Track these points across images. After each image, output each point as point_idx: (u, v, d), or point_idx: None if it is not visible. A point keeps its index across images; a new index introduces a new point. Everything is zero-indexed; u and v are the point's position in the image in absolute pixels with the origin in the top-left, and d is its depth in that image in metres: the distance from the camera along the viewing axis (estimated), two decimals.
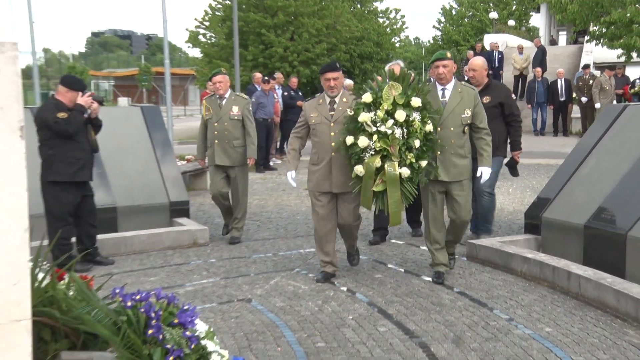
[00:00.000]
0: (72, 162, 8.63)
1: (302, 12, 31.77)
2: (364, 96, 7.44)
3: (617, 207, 8.33)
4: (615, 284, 7.24)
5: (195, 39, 35.36)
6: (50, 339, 5.01)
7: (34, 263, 4.65)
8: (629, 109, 9.59)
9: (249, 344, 6.53)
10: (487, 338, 6.53)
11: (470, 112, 7.81)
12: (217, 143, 10.37)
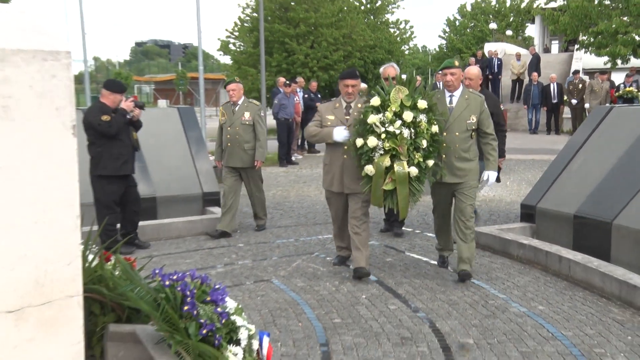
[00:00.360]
0: (116, 157, 8.75)
1: (321, 23, 31.77)
2: (373, 100, 7.14)
3: (603, 198, 8.33)
4: (601, 267, 7.28)
5: (226, 47, 35.39)
6: (99, 312, 5.04)
7: (85, 246, 4.67)
8: (614, 110, 9.66)
9: (273, 320, 6.54)
10: (486, 315, 6.52)
11: (475, 118, 7.47)
12: (230, 146, 10.16)
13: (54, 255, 3.52)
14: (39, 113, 3.43)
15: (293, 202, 13.26)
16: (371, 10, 38.17)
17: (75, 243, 3.58)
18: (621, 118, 9.30)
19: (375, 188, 7.07)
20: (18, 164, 3.42)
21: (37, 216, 3.48)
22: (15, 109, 3.38)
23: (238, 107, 10.16)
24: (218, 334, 4.34)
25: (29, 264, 3.48)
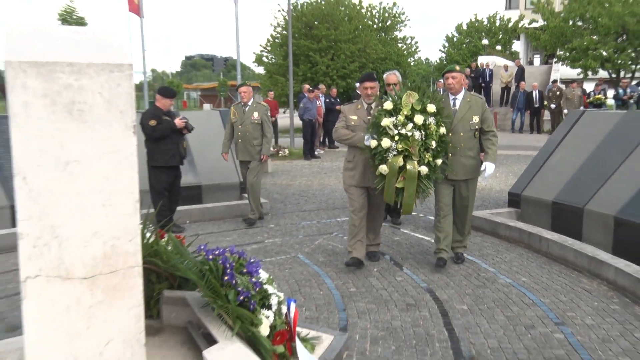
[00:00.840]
0: (165, 152, 8.84)
1: (340, 39, 31.70)
2: (385, 104, 6.68)
3: (576, 188, 8.34)
4: (574, 245, 7.33)
5: (260, 59, 35.36)
6: (156, 281, 5.10)
7: (143, 225, 4.72)
8: (586, 114, 9.71)
9: (299, 288, 6.57)
10: (478, 285, 6.53)
11: (478, 119, 7.01)
12: (241, 142, 9.80)
13: (118, 233, 3.58)
14: (107, 116, 3.48)
15: (315, 190, 13.26)
16: (382, 28, 37.98)
17: (135, 223, 3.63)
18: (592, 120, 9.32)
19: (389, 185, 6.63)
20: (89, 158, 3.48)
21: (105, 201, 3.54)
22: (87, 113, 3.44)
23: (248, 107, 9.82)
24: (253, 300, 4.38)
25: (99, 240, 3.54)
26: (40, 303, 3.48)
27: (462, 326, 5.46)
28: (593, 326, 5.43)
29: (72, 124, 3.41)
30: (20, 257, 3.42)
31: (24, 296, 3.46)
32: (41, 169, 3.38)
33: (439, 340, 5.18)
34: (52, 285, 3.48)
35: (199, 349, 4.34)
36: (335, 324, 5.56)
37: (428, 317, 5.70)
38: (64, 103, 3.37)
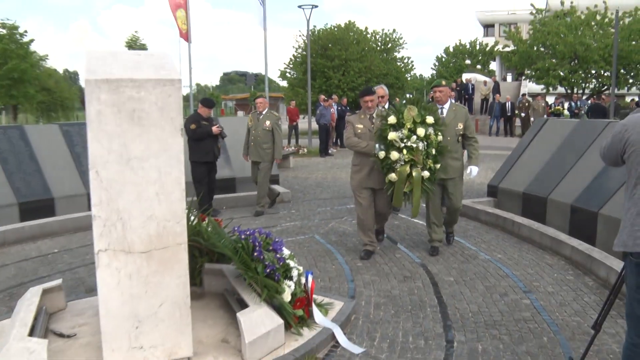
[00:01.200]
0: (202, 150, 8.93)
1: (350, 58, 31.61)
2: (390, 118, 6.30)
3: (542, 181, 8.34)
4: (540, 227, 7.34)
5: (284, 75, 35.27)
6: (198, 255, 5.14)
7: (188, 210, 4.75)
8: (548, 122, 9.74)
9: (315, 263, 6.60)
10: (462, 261, 6.53)
11: (462, 125, 6.74)
12: (253, 145, 9.42)
13: (169, 216, 3.62)
14: (160, 121, 3.52)
15: (329, 182, 13.26)
16: (384, 49, 37.71)
17: (182, 208, 3.67)
18: (553, 127, 9.33)
19: (397, 191, 6.30)
20: (147, 155, 3.52)
21: (158, 190, 3.58)
22: (145, 118, 3.48)
23: (262, 116, 9.47)
24: (277, 272, 4.42)
25: (154, 222, 3.59)
26: (109, 271, 3.54)
27: (449, 294, 5.47)
28: (553, 293, 5.43)
29: (133, 128, 3.46)
30: (94, 234, 3.49)
31: (97, 265, 3.52)
32: (109, 164, 3.43)
33: (430, 305, 5.19)
34: (118, 257, 3.53)
35: (234, 312, 4.38)
36: (345, 292, 5.58)
37: (421, 286, 5.71)
38: (127, 111, 3.42)
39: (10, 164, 8.66)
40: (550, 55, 31.19)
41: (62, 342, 4.22)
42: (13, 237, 7.80)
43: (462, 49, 50.14)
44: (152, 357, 3.75)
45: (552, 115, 23.65)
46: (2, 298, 5.63)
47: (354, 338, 4.48)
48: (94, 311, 4.62)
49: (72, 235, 8.21)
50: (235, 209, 10.02)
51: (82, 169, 9.28)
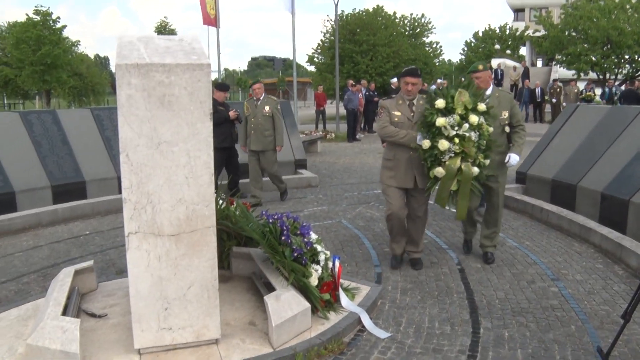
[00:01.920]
0: (219, 135, 8.41)
1: (378, 43, 31.44)
2: (438, 102, 5.28)
3: (571, 168, 8.21)
4: (569, 215, 7.25)
5: (312, 60, 35.21)
6: (226, 239, 5.19)
7: (217, 194, 4.79)
8: (579, 108, 9.55)
9: (342, 248, 6.60)
10: None
11: (507, 114, 5.79)
12: (254, 133, 8.87)
13: (197, 199, 3.65)
14: (189, 105, 3.54)
15: (357, 167, 13.23)
16: (413, 34, 37.46)
17: (211, 192, 3.70)
18: (584, 113, 9.16)
19: (443, 189, 5.36)
20: (176, 139, 3.55)
21: (187, 174, 3.61)
22: (175, 103, 3.51)
23: (260, 102, 8.91)
24: (305, 256, 4.43)
25: (183, 205, 3.62)
26: (139, 253, 3.59)
27: (476, 281, 5.44)
28: (581, 281, 5.36)
29: (163, 112, 3.49)
30: (124, 217, 3.54)
31: (127, 247, 3.57)
32: (139, 148, 3.47)
33: (456, 292, 5.17)
34: (147, 239, 3.58)
35: (261, 295, 4.42)
36: (372, 277, 5.58)
37: (448, 273, 5.68)
38: (157, 96, 3.45)
39: (43, 147, 8.81)
40: (582, 40, 30.79)
41: (94, 321, 4.31)
42: (47, 219, 7.96)
43: (491, 33, 49.41)
44: (180, 338, 3.81)
45: (583, 101, 23.27)
46: (36, 278, 5.75)
47: (380, 323, 4.48)
48: (124, 292, 4.70)
49: (102, 217, 8.34)
50: (263, 193, 10.04)
51: (112, 152, 9.40)
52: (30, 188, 8.34)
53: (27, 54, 33.26)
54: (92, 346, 3.90)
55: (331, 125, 23.17)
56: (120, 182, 3.60)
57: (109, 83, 42.47)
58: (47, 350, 3.57)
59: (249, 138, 9.00)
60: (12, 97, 44.47)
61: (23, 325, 4.30)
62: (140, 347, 3.77)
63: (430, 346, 4.10)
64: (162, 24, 44.79)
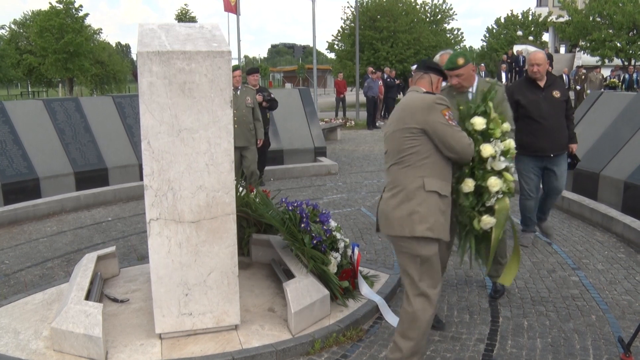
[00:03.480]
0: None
1: (398, 30, 31.24)
2: (476, 121, 3.65)
3: (594, 156, 8.09)
4: (591, 204, 7.21)
5: (332, 47, 35.10)
6: (246, 226, 5.22)
7: (237, 182, 4.81)
8: (603, 95, 9.40)
9: (361, 235, 6.60)
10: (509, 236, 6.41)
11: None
12: (237, 127, 7.60)
13: (218, 187, 3.67)
14: (210, 93, 3.55)
15: (376, 154, 13.19)
16: (434, 21, 37.06)
17: (231, 179, 3.71)
18: (608, 100, 9.02)
19: (496, 242, 3.78)
20: (197, 126, 3.56)
21: (208, 161, 3.63)
22: (195, 90, 3.52)
23: (240, 91, 7.97)
24: (324, 243, 4.43)
25: (203, 192, 3.64)
26: (160, 240, 3.63)
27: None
28: (603, 271, 5.30)
29: (183, 100, 3.50)
30: (145, 204, 3.57)
31: (148, 234, 3.61)
32: (161, 135, 3.49)
33: (475, 280, 5.15)
34: (168, 226, 3.61)
35: (280, 282, 4.44)
36: (391, 265, 5.58)
37: (467, 261, 5.64)
38: (178, 83, 3.47)
39: (67, 134, 8.90)
40: (607, 25, 30.33)
41: (116, 306, 4.37)
42: (70, 205, 8.07)
43: (513, 19, 48.72)
44: (200, 323, 3.84)
45: (607, 88, 22.90)
46: (60, 263, 5.84)
47: (399, 310, 4.48)
48: (145, 278, 4.76)
49: (124, 204, 8.44)
50: (283, 180, 10.10)
51: (133, 139, 9.48)
52: (54, 175, 8.44)
53: (51, 42, 33.64)
54: (114, 330, 3.96)
55: (351, 113, 23.11)
56: (141, 169, 3.63)
57: (130, 71, 42.80)
58: (71, 333, 3.63)
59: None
60: (36, 85, 45.06)
61: (47, 309, 4.38)
62: (161, 332, 3.82)
63: (449, 334, 4.10)
64: (183, 12, 44.94)
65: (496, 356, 3.78)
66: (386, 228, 3.45)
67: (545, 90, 5.68)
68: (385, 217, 3.43)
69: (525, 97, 5.67)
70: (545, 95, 5.65)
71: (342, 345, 3.93)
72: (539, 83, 5.71)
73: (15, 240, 6.66)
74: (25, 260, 5.96)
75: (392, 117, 3.51)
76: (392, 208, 3.36)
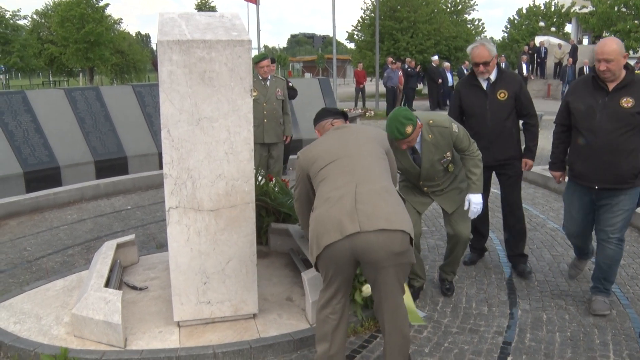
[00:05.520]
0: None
1: (419, 20, 31.01)
2: (365, 291, 3.94)
3: None
4: None
5: (352, 37, 34.94)
6: (265, 215, 5.24)
7: (256, 171, 4.82)
8: None
9: None
10: (529, 229, 6.31)
11: (450, 153, 4.25)
12: (267, 122, 6.90)
13: (237, 175, 3.68)
14: (230, 81, 3.56)
15: None
16: (454, 11, 36.76)
17: (250, 168, 3.72)
18: None
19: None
20: (216, 115, 3.57)
21: (227, 150, 3.64)
22: (215, 79, 3.53)
23: (269, 82, 6.99)
24: None
25: (223, 181, 3.66)
26: (179, 228, 3.65)
27: None
28: (624, 265, 5.23)
29: (203, 88, 3.51)
30: (165, 192, 3.59)
31: (168, 222, 3.64)
32: (180, 124, 3.51)
33: (495, 272, 5.12)
34: (187, 214, 3.63)
35: (299, 271, 4.45)
36: None
37: (487, 253, 5.63)
38: (198, 72, 3.48)
39: (87, 123, 8.99)
40: (632, 16, 29.70)
41: (135, 294, 4.42)
42: (90, 193, 8.15)
43: (535, 10, 48.11)
44: (218, 312, 3.87)
45: None
46: (80, 251, 5.91)
47: (417, 302, 4.47)
48: (164, 266, 4.80)
49: (143, 192, 8.51)
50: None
51: (153, 128, 9.54)
52: (74, 163, 8.53)
53: (72, 32, 33.95)
54: (133, 318, 4.00)
55: (370, 103, 23.04)
56: (160, 157, 3.65)
57: (150, 60, 43.04)
58: (91, 320, 3.67)
59: (259, 128, 6.79)
60: (57, 75, 45.49)
61: (68, 295, 4.44)
62: (180, 320, 3.85)
63: (467, 326, 4.09)
64: (203, 1, 45.09)
65: (514, 349, 3.76)
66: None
67: (610, 95, 3.98)
68: None
69: (581, 101, 4.13)
70: (607, 103, 3.99)
71: (359, 335, 3.93)
72: (607, 85, 4.01)
73: (37, 228, 6.75)
74: (46, 247, 6.05)
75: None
76: None
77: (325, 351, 3.18)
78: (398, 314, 3.15)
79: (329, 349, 3.18)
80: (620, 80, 3.98)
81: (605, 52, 3.92)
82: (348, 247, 2.95)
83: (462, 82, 5.02)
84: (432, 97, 22.09)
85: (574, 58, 26.56)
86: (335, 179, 3.14)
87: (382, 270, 3.01)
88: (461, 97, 4.90)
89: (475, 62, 4.66)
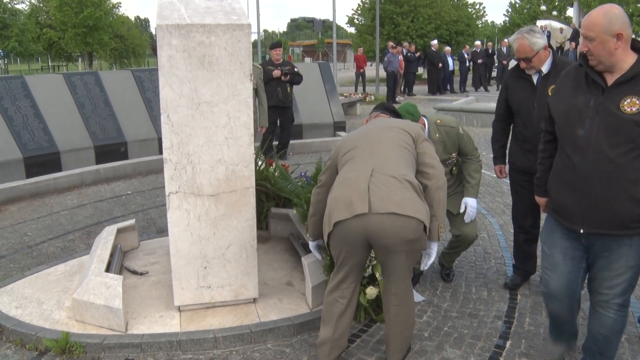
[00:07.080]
0: (267, 93, 8.33)
1: (419, 4, 30.85)
2: (369, 293, 3.82)
3: None
4: None
5: (352, 21, 34.75)
6: (265, 200, 5.24)
7: (256, 155, 4.82)
8: None
9: None
10: None
11: (455, 154, 4.28)
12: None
13: (237, 160, 3.68)
14: (229, 66, 3.55)
15: None
16: None
17: (250, 153, 3.72)
18: None
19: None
20: (216, 100, 3.57)
21: (227, 135, 3.64)
22: (215, 64, 3.51)
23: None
24: None
25: (223, 166, 3.66)
26: (180, 213, 3.66)
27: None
28: None
29: (203, 73, 3.50)
30: (165, 177, 3.60)
31: (168, 207, 3.65)
32: (180, 109, 3.51)
33: (494, 257, 5.14)
34: (187, 199, 3.64)
35: (299, 255, 4.47)
36: None
37: (487, 238, 5.64)
38: (197, 56, 3.46)
39: (86, 108, 8.97)
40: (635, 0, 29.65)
41: (136, 278, 4.44)
42: (90, 178, 8.16)
43: None
44: (219, 296, 3.89)
45: None
46: (80, 236, 5.93)
47: (417, 286, 4.50)
48: (164, 251, 4.82)
49: (143, 177, 8.52)
50: (302, 154, 10.10)
51: (153, 113, 9.52)
52: (74, 148, 8.53)
53: (70, 16, 33.75)
54: (133, 302, 4.02)
55: (371, 88, 22.95)
56: (160, 142, 3.66)
57: (149, 45, 42.81)
58: (92, 304, 3.69)
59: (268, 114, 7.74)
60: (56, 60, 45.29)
61: (69, 280, 4.46)
62: (180, 304, 3.88)
63: (467, 310, 4.11)
64: None
65: (513, 333, 3.78)
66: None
67: (608, 92, 2.71)
68: None
69: (563, 100, 2.93)
70: (601, 104, 2.72)
71: (359, 319, 3.95)
72: (605, 77, 2.75)
73: (37, 213, 6.76)
74: (47, 232, 6.06)
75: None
76: None
77: (329, 335, 3.22)
78: (405, 296, 3.18)
79: (332, 333, 3.21)
80: (624, 71, 2.67)
81: (584, 26, 2.72)
82: (359, 228, 2.96)
83: (510, 73, 4.27)
84: (432, 81, 22.03)
85: (575, 42, 26.40)
86: (355, 163, 3.18)
87: (394, 254, 3.02)
88: (508, 92, 4.23)
89: (517, 57, 4.04)
